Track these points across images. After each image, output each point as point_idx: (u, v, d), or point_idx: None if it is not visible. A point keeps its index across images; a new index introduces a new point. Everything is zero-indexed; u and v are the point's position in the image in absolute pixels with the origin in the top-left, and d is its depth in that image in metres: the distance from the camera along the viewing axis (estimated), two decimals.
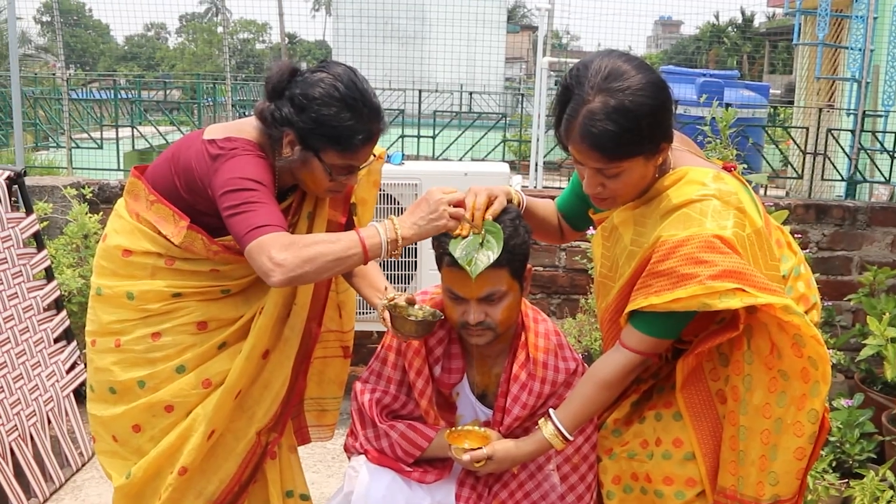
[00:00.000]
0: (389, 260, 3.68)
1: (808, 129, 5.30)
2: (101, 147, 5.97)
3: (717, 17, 33.82)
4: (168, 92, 13.63)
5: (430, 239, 2.00)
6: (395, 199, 3.70)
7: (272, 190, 1.90)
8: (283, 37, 25.50)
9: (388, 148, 5.51)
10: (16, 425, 3.04)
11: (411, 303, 2.05)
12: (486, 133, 6.14)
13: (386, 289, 2.19)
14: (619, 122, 1.69)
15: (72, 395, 3.40)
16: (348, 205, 2.25)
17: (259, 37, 46.51)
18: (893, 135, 5.20)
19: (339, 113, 1.89)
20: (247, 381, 2.09)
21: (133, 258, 2.06)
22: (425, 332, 2.02)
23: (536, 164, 5.57)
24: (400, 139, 5.72)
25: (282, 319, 2.12)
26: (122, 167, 5.87)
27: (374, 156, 2.09)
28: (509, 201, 2.00)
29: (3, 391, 3.03)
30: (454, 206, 1.88)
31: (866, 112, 5.38)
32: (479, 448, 1.94)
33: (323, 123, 1.89)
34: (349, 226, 2.28)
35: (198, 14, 48.17)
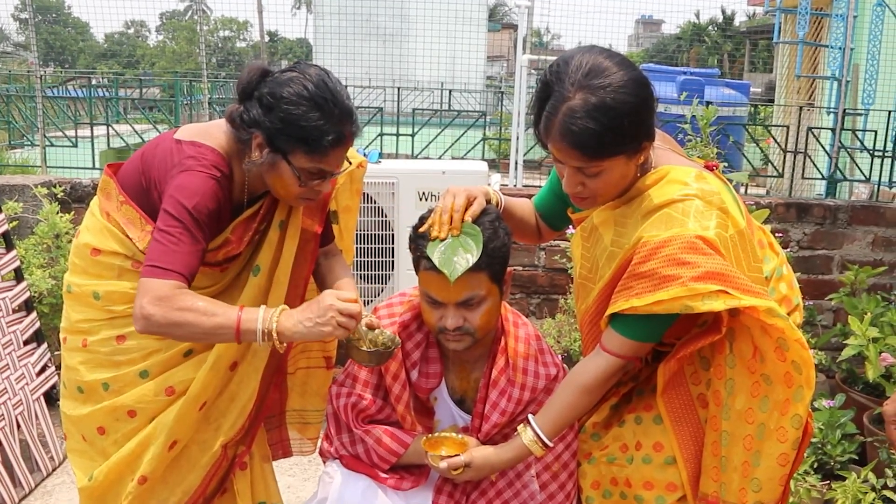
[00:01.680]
0: (366, 259, 3.68)
1: (788, 127, 5.28)
2: (75, 146, 5.87)
3: (697, 15, 34.12)
4: (147, 90, 13.49)
5: (408, 240, 1.96)
6: (371, 199, 3.64)
7: (209, 219, 1.85)
8: (264, 35, 25.39)
9: (367, 146, 5.45)
10: None
11: (371, 328, 1.99)
12: (465, 131, 6.09)
13: None
14: (600, 120, 1.65)
15: (42, 398, 3.33)
16: (325, 214, 2.18)
17: (240, 35, 46.41)
18: (873, 133, 5.20)
19: (308, 112, 1.83)
20: (212, 393, 2.03)
21: (101, 258, 2.00)
22: (379, 362, 1.96)
23: (516, 163, 5.55)
24: (378, 137, 5.66)
25: None
26: (97, 166, 5.77)
27: (349, 162, 2.02)
28: (488, 202, 1.96)
29: None
30: (346, 316, 1.82)
31: (846, 110, 5.38)
32: (456, 455, 1.90)
33: (291, 123, 1.83)
34: (326, 235, 2.22)
35: (178, 12, 47.95)
